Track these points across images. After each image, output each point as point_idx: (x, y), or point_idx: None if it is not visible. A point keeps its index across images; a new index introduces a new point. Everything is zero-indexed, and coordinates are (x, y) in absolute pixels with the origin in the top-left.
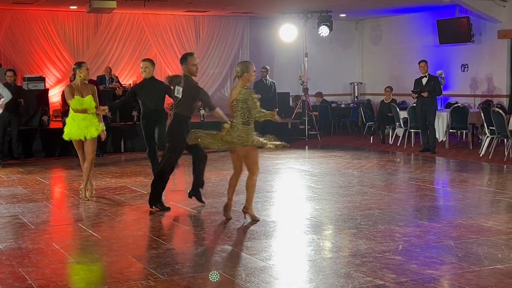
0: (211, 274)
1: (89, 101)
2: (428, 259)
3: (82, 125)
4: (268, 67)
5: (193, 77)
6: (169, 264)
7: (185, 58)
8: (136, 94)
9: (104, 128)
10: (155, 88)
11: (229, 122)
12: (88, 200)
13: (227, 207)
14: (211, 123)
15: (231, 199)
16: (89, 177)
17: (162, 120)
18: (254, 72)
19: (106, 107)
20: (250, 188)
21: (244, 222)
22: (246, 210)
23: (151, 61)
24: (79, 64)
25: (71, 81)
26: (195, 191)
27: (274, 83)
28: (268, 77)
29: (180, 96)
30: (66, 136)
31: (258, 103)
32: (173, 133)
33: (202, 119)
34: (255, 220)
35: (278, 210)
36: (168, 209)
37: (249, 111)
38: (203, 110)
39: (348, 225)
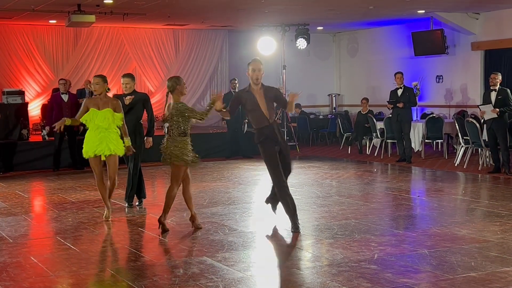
0: None
1: (104, 115)
2: (403, 267)
3: (95, 141)
4: (236, 79)
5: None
6: (147, 277)
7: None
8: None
9: (129, 144)
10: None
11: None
12: (107, 220)
13: (192, 218)
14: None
15: (192, 210)
16: (107, 198)
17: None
18: (184, 84)
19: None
20: (168, 198)
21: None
22: (161, 219)
23: (132, 76)
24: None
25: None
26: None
27: None
28: (237, 89)
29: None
30: (84, 154)
31: (194, 109)
32: None
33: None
34: (164, 231)
35: (256, 221)
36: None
37: (188, 121)
38: None
39: (325, 235)
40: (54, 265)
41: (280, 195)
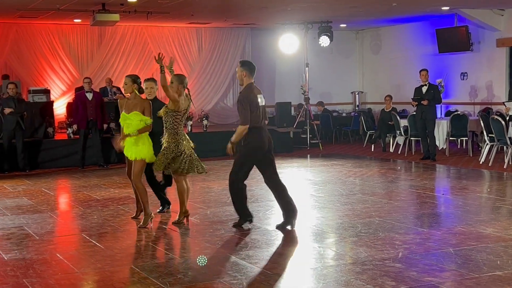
0: (199, 258)
1: (130, 122)
2: (428, 266)
3: (126, 144)
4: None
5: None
6: (171, 274)
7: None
8: None
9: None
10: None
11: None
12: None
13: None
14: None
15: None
16: (138, 199)
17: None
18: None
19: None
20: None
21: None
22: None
23: (155, 81)
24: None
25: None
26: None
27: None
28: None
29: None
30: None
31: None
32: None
33: (204, 129)
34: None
35: (279, 219)
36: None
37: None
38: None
39: (349, 233)
40: (80, 262)
41: (238, 190)
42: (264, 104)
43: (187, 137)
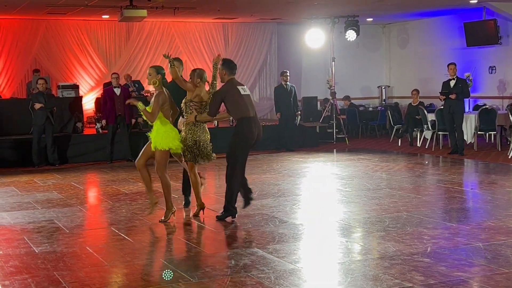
0: (165, 273)
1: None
2: (457, 261)
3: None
4: (287, 71)
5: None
6: (199, 267)
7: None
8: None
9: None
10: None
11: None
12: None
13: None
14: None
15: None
16: (165, 197)
17: None
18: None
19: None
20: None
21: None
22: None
23: (180, 61)
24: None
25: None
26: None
27: (294, 87)
28: (288, 82)
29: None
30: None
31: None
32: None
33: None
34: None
35: (306, 213)
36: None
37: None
38: None
39: (376, 228)
40: (109, 255)
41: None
42: (248, 93)
43: (206, 128)
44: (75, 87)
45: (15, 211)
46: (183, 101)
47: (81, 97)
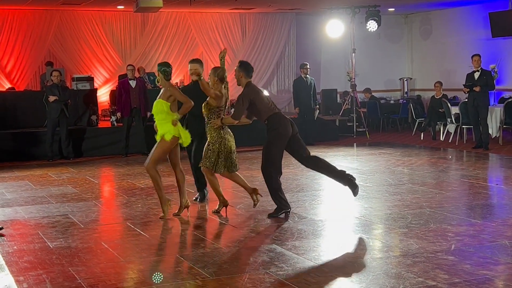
0: (155, 276)
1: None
2: (482, 259)
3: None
4: (307, 64)
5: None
6: (216, 264)
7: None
8: None
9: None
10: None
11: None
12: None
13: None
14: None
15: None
16: (180, 190)
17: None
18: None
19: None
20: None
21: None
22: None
23: (200, 62)
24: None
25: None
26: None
27: (314, 80)
28: (308, 75)
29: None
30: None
31: None
32: None
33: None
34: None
35: (326, 209)
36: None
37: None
38: None
39: (398, 224)
40: (125, 250)
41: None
42: (267, 94)
43: (230, 131)
44: (90, 79)
45: (29, 206)
46: (205, 107)
47: (96, 89)
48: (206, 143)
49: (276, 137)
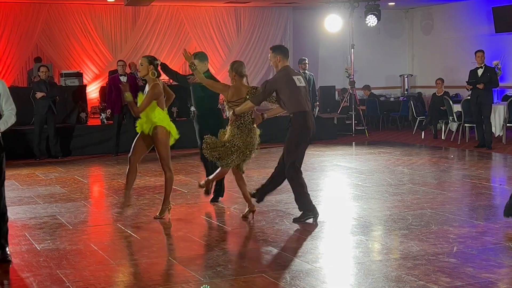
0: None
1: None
2: (485, 261)
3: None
4: (306, 59)
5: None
6: (210, 266)
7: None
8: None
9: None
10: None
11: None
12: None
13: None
14: None
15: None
16: (166, 192)
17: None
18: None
19: None
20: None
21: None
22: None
23: (201, 55)
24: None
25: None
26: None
27: (313, 76)
28: (306, 71)
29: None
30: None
31: None
32: None
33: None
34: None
35: (324, 210)
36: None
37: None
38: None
39: (398, 226)
40: (115, 253)
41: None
42: (304, 85)
43: (255, 127)
44: (79, 75)
45: (15, 206)
46: (225, 103)
47: (85, 85)
48: (226, 141)
49: (295, 137)
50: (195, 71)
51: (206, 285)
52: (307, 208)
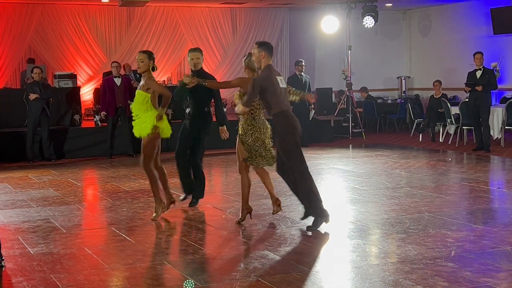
0: (186, 283)
1: (134, 103)
2: (483, 266)
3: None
4: (303, 61)
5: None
6: (206, 271)
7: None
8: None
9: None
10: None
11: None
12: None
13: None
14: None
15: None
16: (153, 191)
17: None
18: None
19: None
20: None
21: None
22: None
23: (199, 51)
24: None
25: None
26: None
27: (309, 78)
28: (303, 73)
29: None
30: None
31: None
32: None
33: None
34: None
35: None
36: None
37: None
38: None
39: (396, 229)
40: (109, 257)
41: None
42: (285, 87)
43: (267, 124)
44: (73, 77)
45: (8, 210)
46: (237, 94)
47: (79, 87)
48: (239, 136)
49: (289, 137)
50: (206, 84)
51: (190, 280)
52: (322, 212)
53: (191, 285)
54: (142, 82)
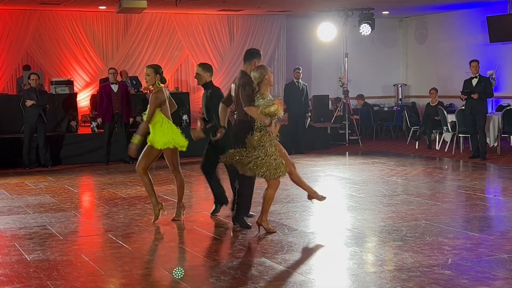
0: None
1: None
2: (480, 273)
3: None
4: (300, 68)
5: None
6: (203, 278)
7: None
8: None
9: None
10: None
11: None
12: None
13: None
14: None
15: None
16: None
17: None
18: (271, 72)
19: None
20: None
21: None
22: (260, 222)
23: (204, 66)
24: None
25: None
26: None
27: (306, 86)
28: (300, 80)
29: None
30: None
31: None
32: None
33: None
34: (269, 232)
35: (317, 221)
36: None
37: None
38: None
39: (392, 237)
40: (106, 263)
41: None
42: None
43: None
44: (70, 83)
45: (5, 216)
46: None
47: (76, 93)
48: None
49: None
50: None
51: (179, 268)
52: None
53: (180, 272)
54: (154, 96)
